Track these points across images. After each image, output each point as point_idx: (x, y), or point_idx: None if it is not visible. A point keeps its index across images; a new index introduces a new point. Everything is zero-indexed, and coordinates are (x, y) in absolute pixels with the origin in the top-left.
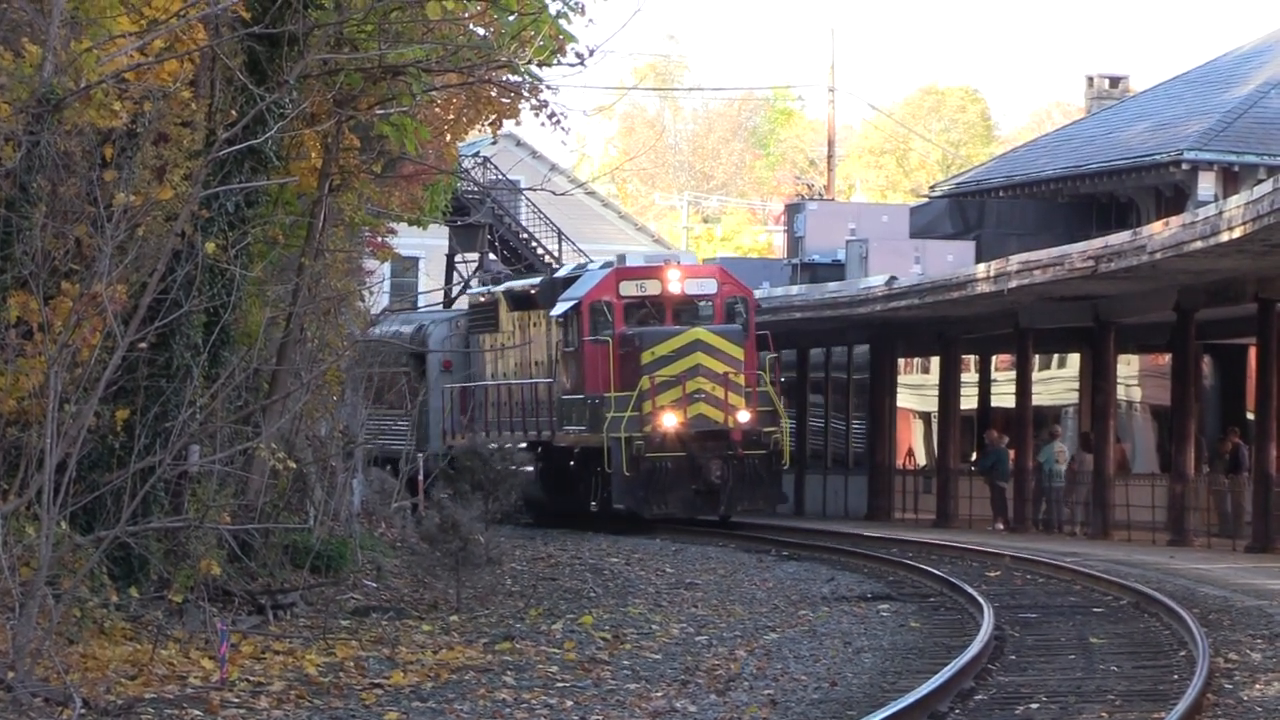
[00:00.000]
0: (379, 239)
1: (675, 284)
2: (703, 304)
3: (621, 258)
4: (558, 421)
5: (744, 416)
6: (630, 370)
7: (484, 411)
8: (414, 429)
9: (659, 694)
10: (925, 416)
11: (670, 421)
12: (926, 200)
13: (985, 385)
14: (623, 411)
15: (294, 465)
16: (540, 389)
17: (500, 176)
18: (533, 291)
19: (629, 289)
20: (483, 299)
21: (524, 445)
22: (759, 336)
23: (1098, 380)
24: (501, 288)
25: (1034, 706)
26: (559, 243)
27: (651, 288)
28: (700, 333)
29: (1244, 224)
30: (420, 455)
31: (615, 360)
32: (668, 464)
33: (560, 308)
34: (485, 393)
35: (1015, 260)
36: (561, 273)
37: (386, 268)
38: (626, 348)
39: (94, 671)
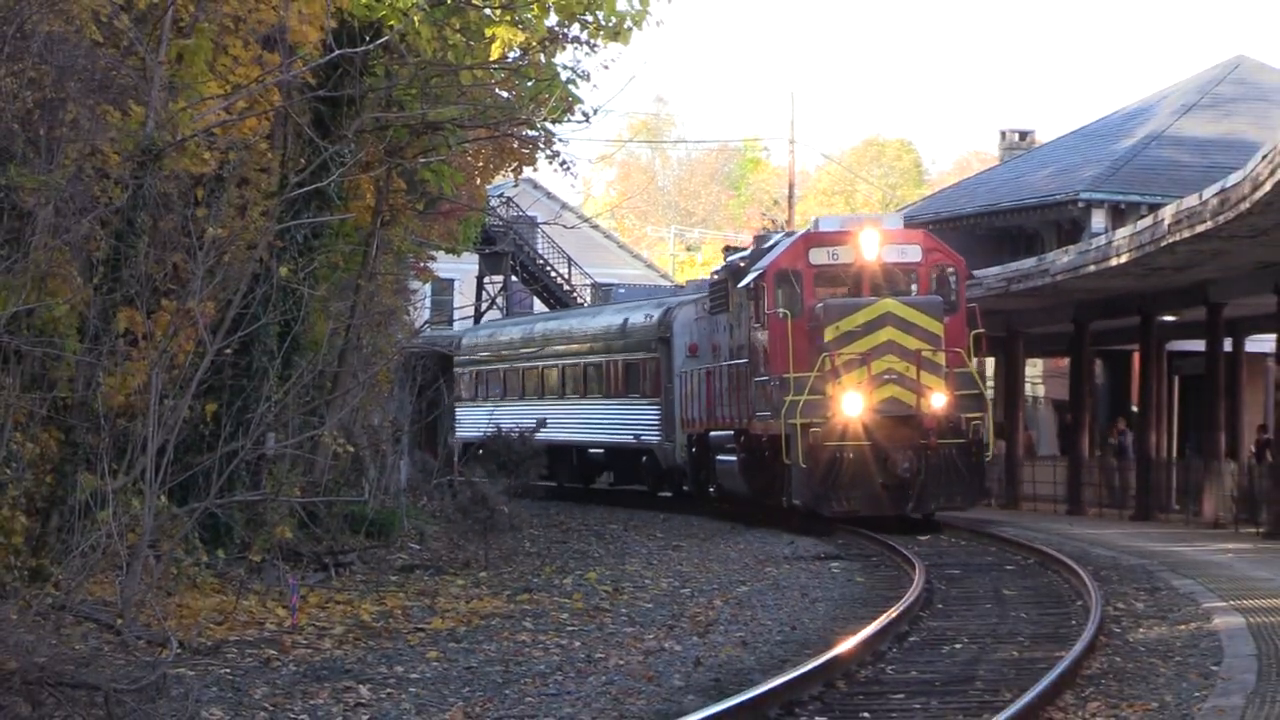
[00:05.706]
0: (421, 264)
1: (870, 250)
2: (907, 274)
3: (816, 221)
4: (752, 407)
5: (939, 400)
6: (814, 348)
7: (713, 397)
8: (663, 419)
9: (651, 636)
10: None
11: (854, 406)
12: None
13: None
14: (800, 395)
15: (352, 449)
16: (739, 371)
17: (521, 213)
18: (742, 264)
19: (819, 256)
20: (716, 275)
21: (730, 433)
22: (968, 312)
23: (1009, 380)
24: (727, 261)
25: (958, 646)
26: (569, 267)
27: (844, 255)
28: (891, 304)
29: (1129, 252)
30: (669, 445)
31: (797, 336)
32: (850, 454)
33: (748, 278)
34: (712, 377)
35: None
36: (771, 240)
37: (427, 288)
38: (811, 322)
39: (188, 619)
